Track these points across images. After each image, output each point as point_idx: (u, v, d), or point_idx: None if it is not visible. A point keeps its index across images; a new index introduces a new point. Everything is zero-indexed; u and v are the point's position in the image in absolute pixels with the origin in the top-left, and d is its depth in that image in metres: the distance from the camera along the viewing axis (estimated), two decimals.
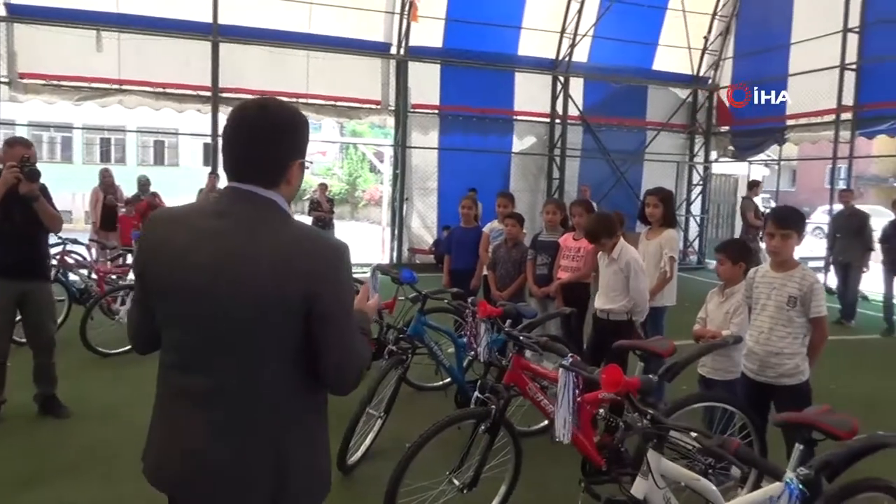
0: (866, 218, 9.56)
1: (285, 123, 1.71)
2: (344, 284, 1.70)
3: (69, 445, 4.46)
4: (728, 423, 3.60)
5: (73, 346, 6.42)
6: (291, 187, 1.74)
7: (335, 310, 1.65)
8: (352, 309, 1.75)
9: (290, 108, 1.76)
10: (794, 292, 3.54)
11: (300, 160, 1.73)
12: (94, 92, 11.96)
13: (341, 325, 1.67)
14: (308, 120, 1.80)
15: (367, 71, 13.39)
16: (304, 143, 1.76)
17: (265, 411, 1.67)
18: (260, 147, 1.68)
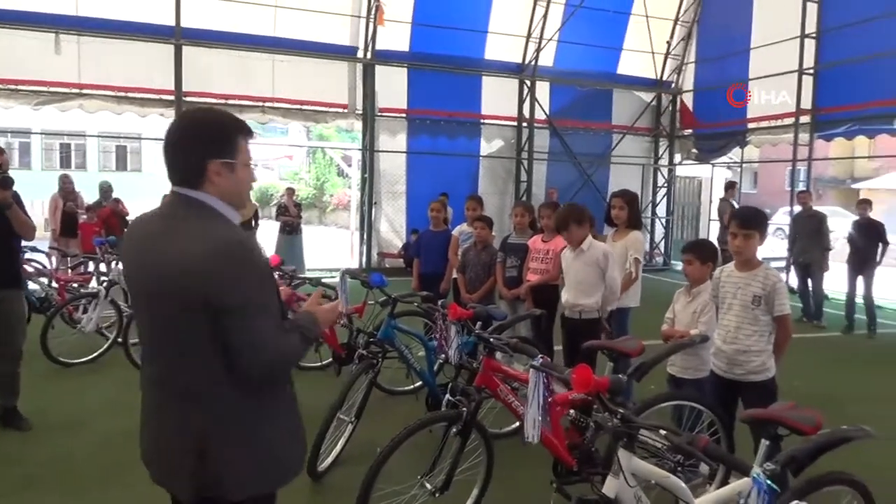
0: (824, 219, 9.80)
1: (199, 126, 1.88)
2: (239, 282, 1.75)
3: (30, 458, 4.33)
4: (696, 421, 3.65)
5: (33, 356, 6.24)
6: (220, 187, 1.85)
7: (233, 307, 1.73)
8: (256, 306, 1.76)
9: (210, 112, 1.92)
10: (758, 291, 3.61)
11: (220, 159, 1.83)
12: (53, 96, 11.67)
13: (244, 322, 1.75)
14: (229, 121, 1.91)
15: (333, 75, 13.33)
16: (221, 143, 1.85)
17: (190, 401, 1.82)
18: (177, 151, 1.86)
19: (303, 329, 1.91)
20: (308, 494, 3.94)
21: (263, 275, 1.83)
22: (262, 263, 1.84)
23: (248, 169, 1.92)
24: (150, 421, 1.95)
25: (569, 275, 4.98)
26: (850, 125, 12.23)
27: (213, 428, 1.82)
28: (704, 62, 15.46)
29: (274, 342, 1.80)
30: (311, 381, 6.08)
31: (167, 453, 1.88)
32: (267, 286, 1.83)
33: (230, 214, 1.88)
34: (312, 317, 1.99)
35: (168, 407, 1.87)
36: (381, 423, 4.79)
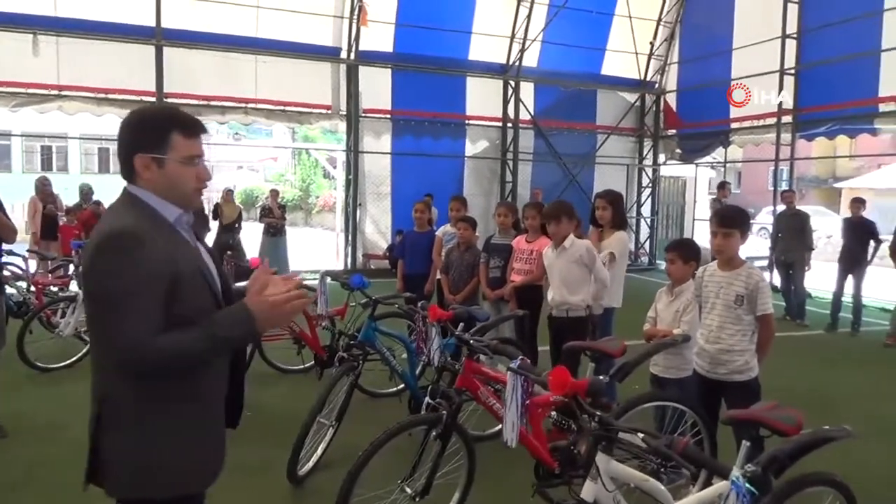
0: (807, 218, 9.85)
1: (131, 121, 1.89)
2: (98, 272, 1.75)
3: (6, 464, 4.24)
4: (679, 422, 3.63)
5: (10, 360, 6.14)
6: (150, 182, 1.85)
7: (90, 296, 1.77)
8: (122, 298, 1.71)
9: (149, 108, 1.99)
10: (740, 290, 3.59)
11: (142, 154, 1.83)
12: (31, 98, 11.51)
13: (97, 313, 1.77)
14: (165, 116, 1.91)
15: (316, 76, 13.25)
16: (149, 138, 1.85)
17: (96, 387, 1.84)
18: (118, 147, 1.89)
19: (214, 326, 1.77)
20: (289, 499, 3.89)
21: (141, 268, 1.72)
22: (145, 256, 1.73)
23: (186, 166, 1.87)
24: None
25: (553, 273, 4.95)
26: (831, 125, 12.31)
27: (106, 418, 1.82)
28: (687, 62, 15.53)
29: (136, 337, 1.70)
30: (293, 384, 6.05)
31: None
32: (146, 280, 1.72)
33: (163, 209, 1.86)
34: (243, 311, 1.79)
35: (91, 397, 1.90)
36: (364, 426, 4.71)
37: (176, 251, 1.82)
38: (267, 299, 1.79)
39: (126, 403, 1.83)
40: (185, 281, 1.80)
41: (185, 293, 1.80)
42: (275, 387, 5.94)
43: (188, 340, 1.75)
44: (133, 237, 1.74)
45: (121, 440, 1.82)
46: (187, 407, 1.86)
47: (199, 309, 1.82)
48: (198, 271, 1.87)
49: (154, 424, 1.82)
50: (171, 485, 1.85)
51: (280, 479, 4.00)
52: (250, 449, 4.48)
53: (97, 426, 1.83)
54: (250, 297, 1.81)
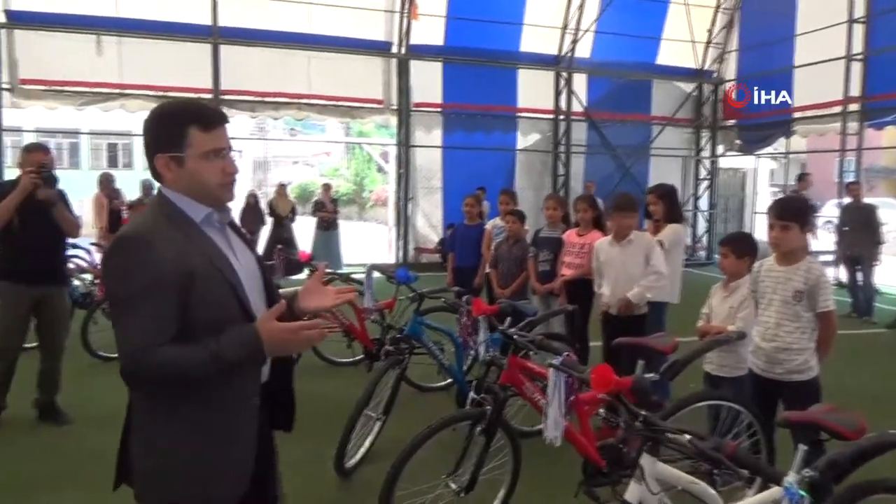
0: (874, 210, 9.41)
1: (148, 122, 1.83)
2: (110, 276, 1.75)
3: (68, 451, 4.41)
4: (734, 422, 3.50)
5: (74, 350, 6.37)
6: (175, 182, 1.80)
7: (109, 298, 1.75)
8: (127, 303, 1.69)
9: (164, 105, 1.89)
10: (799, 286, 3.44)
11: (165, 154, 1.78)
12: (95, 97, 11.93)
13: (115, 318, 1.73)
14: (179, 112, 1.83)
15: (368, 70, 13.33)
16: (166, 137, 1.79)
17: (129, 397, 1.86)
18: (144, 149, 1.84)
19: (217, 346, 1.69)
20: (335, 491, 3.92)
21: (147, 273, 1.67)
22: (153, 261, 1.68)
23: (208, 161, 1.79)
24: None
25: (610, 268, 4.83)
26: None
27: (130, 420, 1.85)
28: (747, 50, 15.00)
29: (135, 345, 1.67)
30: (344, 377, 6.10)
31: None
32: (152, 285, 1.67)
33: (190, 208, 1.81)
34: (251, 335, 1.71)
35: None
36: (413, 419, 4.72)
37: (193, 254, 1.74)
38: (279, 326, 1.72)
39: (140, 407, 1.84)
40: (201, 286, 1.73)
41: (201, 299, 1.73)
42: (326, 379, 6.01)
43: (191, 358, 1.68)
44: (140, 240, 1.71)
45: (138, 443, 1.83)
46: (197, 412, 1.79)
47: (219, 316, 1.74)
48: (219, 276, 1.77)
49: (166, 429, 1.79)
50: (185, 492, 1.81)
51: (328, 470, 4.04)
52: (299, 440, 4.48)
53: (125, 427, 1.87)
54: (263, 322, 1.73)
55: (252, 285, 1.90)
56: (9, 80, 11.46)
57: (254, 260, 1.99)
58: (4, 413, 4.82)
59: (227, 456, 1.82)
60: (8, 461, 4.26)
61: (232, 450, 1.83)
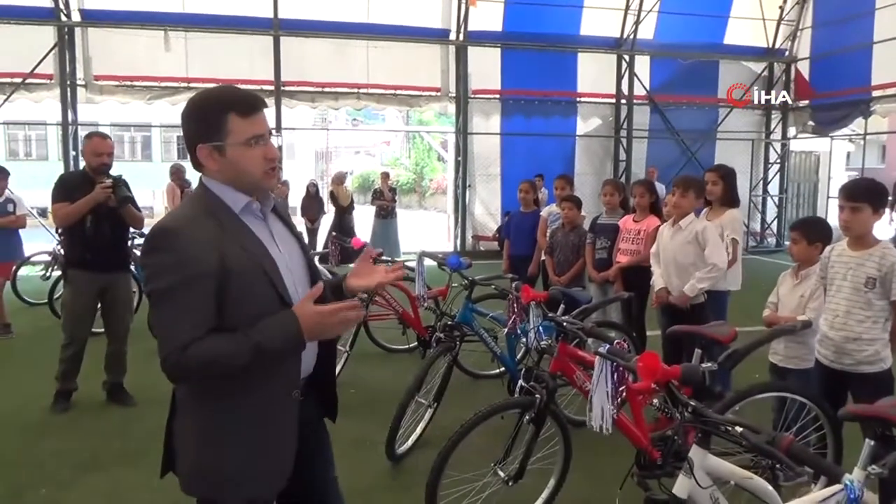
0: None
1: (187, 111, 1.80)
2: (147, 270, 1.72)
3: (133, 432, 4.57)
4: (799, 415, 3.33)
5: (141, 335, 6.60)
6: (217, 172, 1.78)
7: (147, 292, 1.72)
8: (164, 295, 1.67)
9: (202, 94, 1.83)
10: (872, 272, 3.23)
11: (206, 144, 1.76)
12: (164, 91, 12.35)
13: (154, 310, 1.71)
14: (216, 100, 1.79)
15: (426, 58, 13.32)
16: (205, 126, 1.76)
17: (176, 391, 1.89)
18: (185, 140, 1.83)
19: (258, 334, 1.68)
20: (385, 477, 3.94)
21: (180, 266, 1.66)
22: (188, 254, 1.66)
23: (250, 148, 1.76)
24: None
25: (665, 255, 4.67)
26: None
27: (178, 421, 1.87)
28: (822, 27, 14.25)
29: (176, 339, 1.64)
30: (398, 364, 6.13)
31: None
32: (186, 279, 1.65)
33: (230, 198, 1.79)
34: (291, 321, 1.70)
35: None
36: (465, 406, 4.69)
37: (229, 247, 1.71)
38: (314, 309, 1.70)
39: (182, 400, 1.85)
40: (237, 279, 1.70)
41: (238, 292, 1.71)
42: (380, 366, 6.05)
43: (229, 349, 1.67)
44: (174, 234, 1.69)
45: (179, 436, 1.86)
46: (237, 408, 1.77)
47: (257, 309, 1.72)
48: (257, 268, 1.75)
49: (205, 424, 1.79)
50: (222, 488, 1.80)
51: (380, 456, 4.07)
52: (353, 425, 4.57)
53: (171, 416, 1.89)
54: (299, 307, 1.72)
55: (296, 276, 1.88)
56: (83, 77, 11.98)
57: (298, 249, 1.96)
58: (76, 394, 5.05)
59: (266, 453, 1.81)
60: (75, 439, 4.46)
61: (271, 447, 1.82)
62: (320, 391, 2.03)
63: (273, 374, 1.78)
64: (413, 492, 3.66)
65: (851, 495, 1.53)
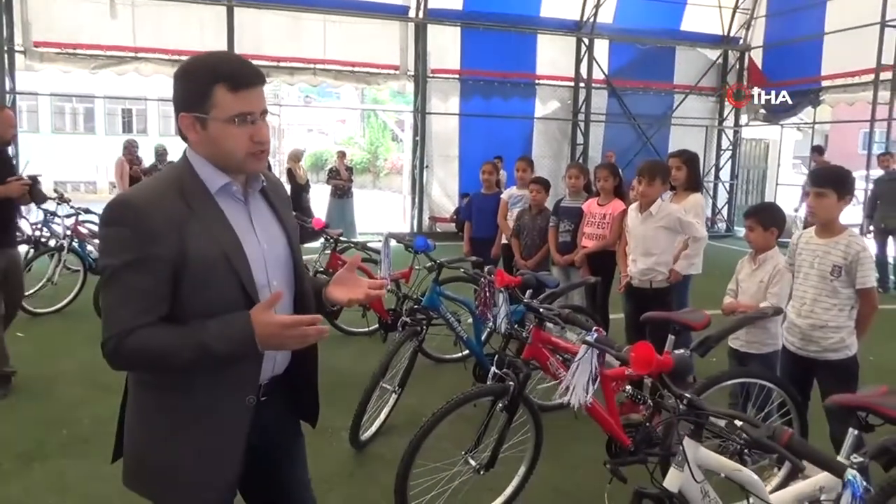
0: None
1: (176, 77, 1.64)
2: (103, 241, 1.61)
3: (80, 419, 4.35)
4: (765, 401, 3.36)
5: (87, 316, 6.34)
6: (197, 144, 1.64)
7: (98, 268, 1.62)
8: (113, 275, 1.52)
9: (192, 60, 1.67)
10: (838, 261, 3.25)
11: (189, 113, 1.61)
12: (109, 60, 11.82)
13: (102, 290, 1.57)
14: (205, 69, 1.63)
15: (385, 35, 13.08)
16: (191, 95, 1.61)
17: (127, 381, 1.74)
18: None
19: (206, 334, 1.53)
20: (351, 465, 3.84)
21: (138, 246, 1.51)
22: (144, 232, 1.51)
23: (235, 126, 1.59)
24: None
25: (633, 239, 4.66)
26: None
27: (128, 411, 1.74)
28: (776, 16, 14.52)
29: (119, 323, 1.50)
30: (358, 347, 6.02)
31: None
32: (140, 259, 1.51)
33: (208, 176, 1.63)
34: (244, 326, 1.54)
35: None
36: (428, 391, 4.66)
37: (192, 231, 1.56)
38: (273, 320, 1.54)
39: (131, 391, 1.73)
40: (196, 267, 1.55)
41: (195, 281, 1.56)
42: (339, 349, 5.92)
43: (172, 343, 1.53)
44: (132, 209, 1.53)
45: (126, 427, 1.74)
46: (181, 407, 1.63)
47: (216, 302, 1.58)
48: (220, 257, 1.59)
49: (148, 419, 1.67)
50: (159, 488, 1.68)
51: (343, 443, 3.96)
52: None
53: (122, 408, 1.76)
54: (256, 313, 1.55)
55: (272, 268, 1.71)
56: (22, 43, 11.35)
57: (283, 239, 1.78)
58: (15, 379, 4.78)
59: (208, 459, 1.66)
60: (16, 428, 4.22)
61: (213, 453, 1.66)
62: (297, 393, 1.89)
63: (223, 377, 1.63)
64: (379, 479, 3.58)
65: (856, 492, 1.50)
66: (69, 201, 7.72)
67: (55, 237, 7.35)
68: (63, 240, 7.10)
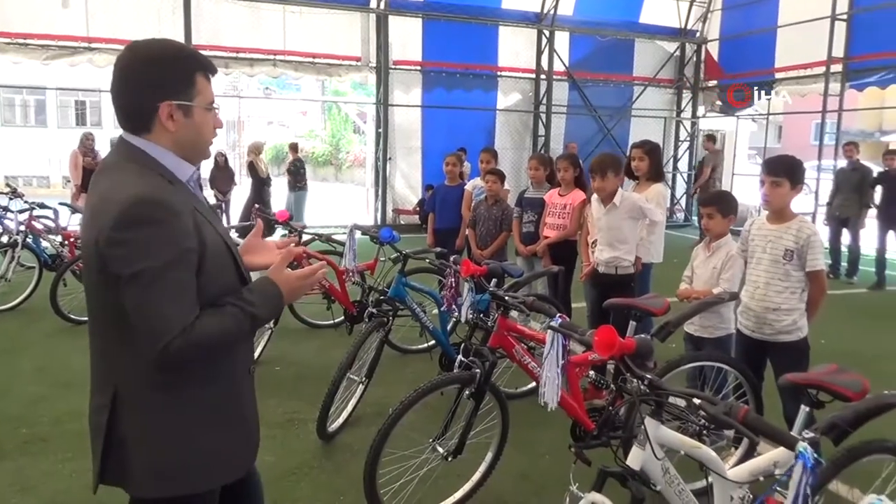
0: (868, 173, 9.39)
1: (151, 60, 1.58)
2: (128, 242, 1.48)
3: (40, 417, 4.27)
4: (722, 383, 3.47)
5: (44, 313, 6.21)
6: (174, 134, 1.60)
7: (122, 269, 1.48)
8: (154, 273, 1.47)
9: (158, 43, 1.62)
10: (790, 245, 3.37)
11: (174, 101, 1.57)
12: (62, 50, 11.48)
13: (133, 288, 1.48)
14: (187, 55, 1.64)
15: (346, 26, 12.98)
16: (176, 81, 1.58)
17: (105, 375, 1.64)
18: (123, 90, 1.58)
19: (251, 306, 1.59)
20: (318, 456, 3.84)
21: (175, 241, 1.51)
22: (178, 229, 1.51)
23: (210, 114, 1.64)
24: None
25: (601, 231, 4.73)
26: (884, 73, 11.70)
27: (122, 415, 1.61)
28: (731, 9, 14.82)
29: (179, 321, 1.49)
30: (323, 340, 6.01)
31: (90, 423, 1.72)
32: (182, 255, 1.52)
33: (177, 167, 1.62)
34: (273, 288, 1.66)
35: (93, 377, 1.69)
36: (394, 382, 4.69)
37: (199, 217, 1.60)
38: (294, 274, 1.69)
39: (138, 397, 1.62)
40: (209, 251, 1.59)
41: (209, 265, 1.59)
42: (304, 342, 5.91)
43: (229, 324, 1.57)
44: (161, 204, 1.50)
45: (140, 432, 1.62)
46: (206, 391, 1.65)
47: (225, 284, 1.63)
48: (221, 241, 1.65)
49: (172, 414, 1.62)
50: (193, 480, 1.66)
51: (310, 434, 3.97)
52: (280, 404, 4.46)
53: (112, 417, 1.61)
54: (276, 273, 1.68)
55: (239, 255, 1.80)
56: None
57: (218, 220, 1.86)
58: None
59: (238, 433, 1.74)
60: None
61: (241, 426, 1.75)
62: None
63: (237, 356, 1.73)
64: (347, 470, 3.60)
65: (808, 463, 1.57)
66: (22, 196, 7.53)
67: (8, 233, 7.17)
68: (17, 235, 6.93)
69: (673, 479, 2.13)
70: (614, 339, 1.97)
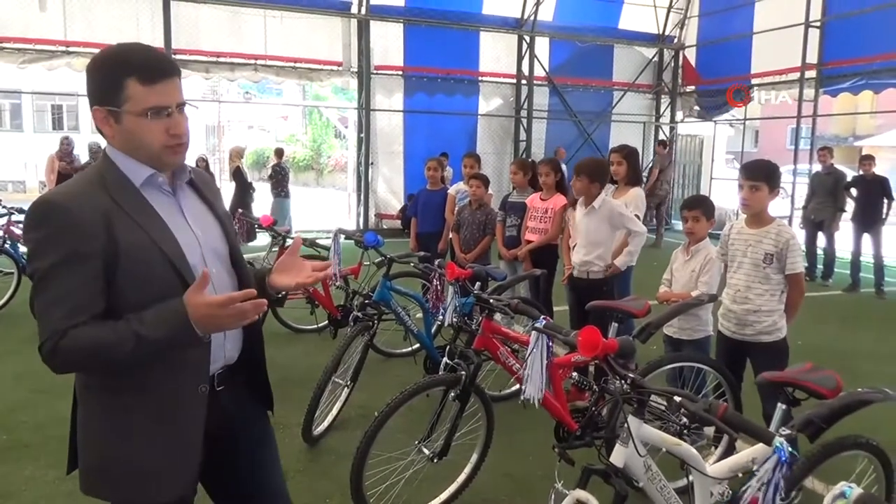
0: (842, 178, 9.56)
1: (88, 70, 1.62)
2: (28, 244, 1.58)
3: (22, 424, 4.23)
4: (702, 384, 3.53)
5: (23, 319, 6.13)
6: (112, 139, 1.63)
7: (28, 271, 1.56)
8: (43, 277, 1.50)
9: (104, 52, 1.65)
10: (769, 249, 3.45)
11: (102, 107, 1.59)
12: (39, 54, 11.36)
13: (35, 294, 1.54)
14: (117, 62, 1.60)
15: (327, 31, 12.97)
16: (103, 88, 1.59)
17: (76, 381, 1.70)
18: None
19: (140, 324, 1.50)
20: (303, 460, 3.85)
21: (63, 244, 1.50)
22: (71, 231, 1.50)
23: (149, 120, 1.58)
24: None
25: (578, 233, 4.79)
26: (856, 79, 11.93)
27: (79, 417, 1.71)
28: (708, 16, 15.04)
29: (52, 325, 1.48)
30: (307, 344, 6.01)
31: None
32: (70, 258, 1.50)
33: (130, 169, 1.62)
34: (177, 310, 1.50)
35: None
36: (379, 386, 4.71)
37: (122, 224, 1.56)
38: (204, 300, 1.50)
39: (80, 397, 1.69)
40: (129, 261, 1.55)
41: (130, 275, 1.55)
42: (288, 346, 5.91)
43: (108, 338, 1.49)
44: (54, 208, 1.52)
45: (80, 435, 1.70)
46: (140, 402, 1.62)
47: (154, 294, 1.56)
48: (153, 248, 1.58)
49: (101, 423, 1.65)
50: (121, 492, 1.66)
51: (295, 439, 3.98)
52: None
53: (73, 413, 1.73)
54: (188, 296, 1.50)
55: (212, 254, 1.72)
56: None
57: (216, 226, 1.79)
58: None
59: (171, 453, 1.66)
60: None
61: (176, 447, 1.67)
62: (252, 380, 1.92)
63: (172, 368, 1.62)
64: (333, 473, 3.61)
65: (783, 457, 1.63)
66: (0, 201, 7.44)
67: None
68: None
69: (655, 476, 2.18)
70: (598, 340, 2.02)
